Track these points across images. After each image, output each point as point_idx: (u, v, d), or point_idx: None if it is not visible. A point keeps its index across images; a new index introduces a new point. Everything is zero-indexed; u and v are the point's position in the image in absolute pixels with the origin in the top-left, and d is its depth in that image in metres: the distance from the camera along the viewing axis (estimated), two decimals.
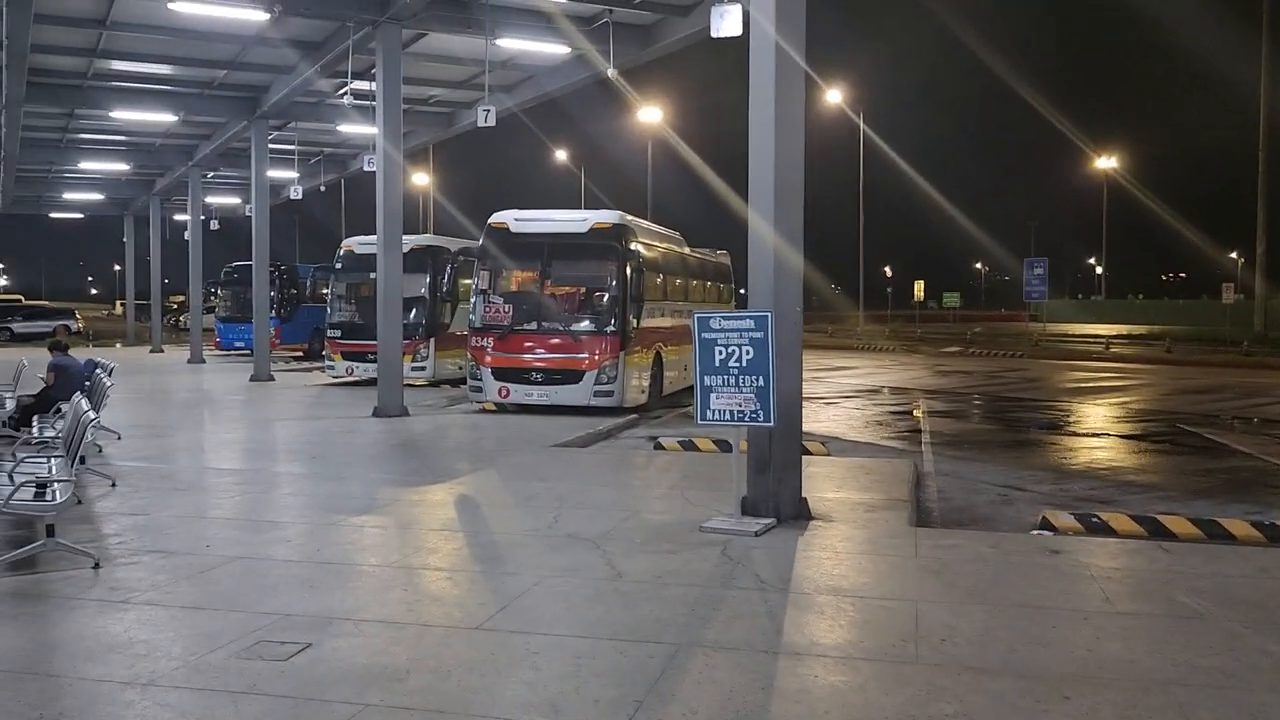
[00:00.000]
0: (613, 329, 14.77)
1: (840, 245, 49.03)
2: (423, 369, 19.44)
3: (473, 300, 15.94)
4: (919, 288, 51.08)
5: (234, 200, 34.79)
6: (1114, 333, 45.13)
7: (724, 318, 7.49)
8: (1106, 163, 61.21)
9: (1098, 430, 14.76)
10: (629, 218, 15.94)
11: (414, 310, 18.74)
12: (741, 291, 22.05)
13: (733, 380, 7.30)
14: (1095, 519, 7.73)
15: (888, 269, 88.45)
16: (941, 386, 22.27)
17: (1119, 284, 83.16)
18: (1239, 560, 6.54)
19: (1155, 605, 5.63)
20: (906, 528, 7.49)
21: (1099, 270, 79.19)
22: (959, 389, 21.86)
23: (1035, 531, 7.57)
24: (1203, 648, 4.86)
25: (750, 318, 7.31)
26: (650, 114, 35.01)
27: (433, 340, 19.56)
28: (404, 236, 15.71)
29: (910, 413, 16.89)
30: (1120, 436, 14.07)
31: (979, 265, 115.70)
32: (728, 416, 7.36)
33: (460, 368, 18.49)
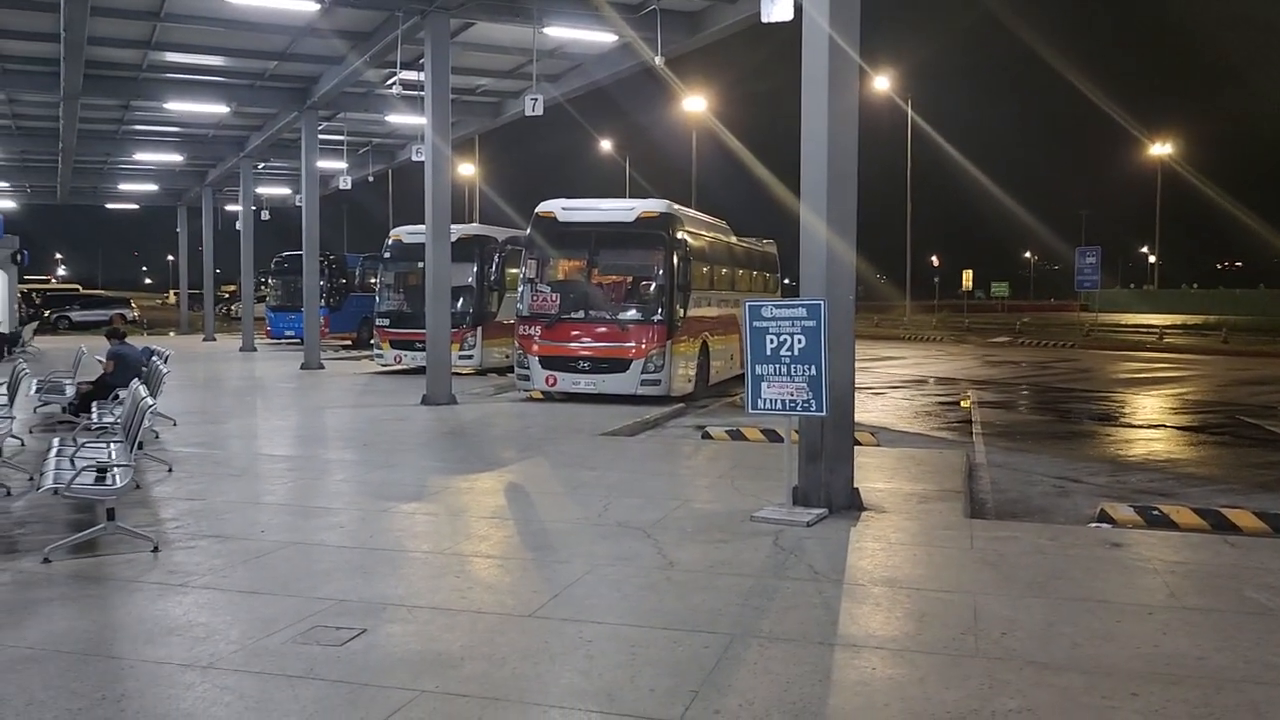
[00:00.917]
0: (659, 318, 14.73)
1: (887, 233, 48.45)
2: (470, 357, 19.53)
3: (520, 289, 15.98)
4: (967, 277, 50.33)
5: (284, 190, 35.23)
6: (1168, 323, 44.17)
7: (776, 306, 7.41)
8: (1160, 149, 59.88)
9: (1153, 422, 14.44)
10: (676, 206, 15.87)
11: (461, 299, 18.82)
12: (787, 281, 21.90)
13: (784, 369, 7.22)
14: (1156, 512, 7.55)
15: (935, 258, 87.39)
16: (991, 377, 21.95)
17: (1172, 273, 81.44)
18: None
19: (1223, 601, 5.47)
20: (961, 519, 7.38)
21: (1152, 259, 77.51)
22: (1009, 379, 21.53)
23: (1093, 524, 7.41)
24: (1276, 645, 4.72)
25: (803, 306, 7.22)
26: (695, 102, 34.85)
27: (480, 329, 19.64)
28: (451, 226, 15.77)
29: (959, 403, 16.66)
30: (1177, 428, 13.76)
31: (1028, 254, 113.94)
32: (779, 405, 7.29)
33: (507, 356, 18.56)
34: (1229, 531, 7.13)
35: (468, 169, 48.16)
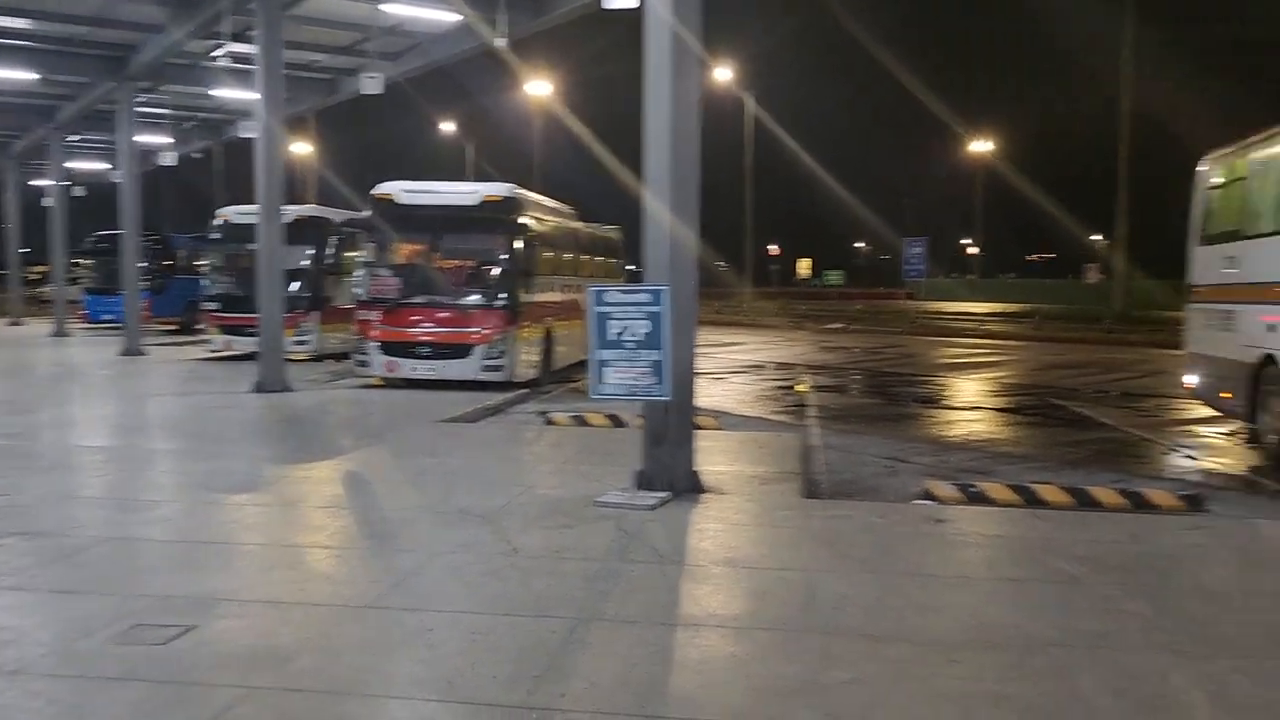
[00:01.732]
0: (503, 303, 14.60)
1: (729, 222, 49.63)
2: (306, 343, 18.86)
3: (359, 273, 15.54)
4: (804, 265, 52.07)
5: (102, 165, 33.00)
6: (987, 311, 46.89)
7: (620, 291, 7.46)
8: (980, 145, 63.37)
9: (973, 404, 15.32)
10: (521, 191, 15.73)
11: (296, 282, 18.14)
12: (630, 267, 22.09)
13: (629, 354, 7.28)
14: (974, 489, 8.01)
15: (775, 247, 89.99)
16: (825, 362, 22.78)
17: (992, 263, 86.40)
18: (1110, 526, 6.86)
19: (1034, 571, 5.86)
20: (798, 499, 7.63)
21: (973, 250, 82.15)
22: (842, 364, 22.39)
23: (918, 501, 7.80)
24: (1079, 611, 5.08)
25: (647, 292, 7.29)
26: (540, 86, 34.63)
27: (317, 313, 19.00)
28: (286, 206, 15.16)
29: (796, 388, 17.21)
30: (994, 410, 14.64)
31: (861, 244, 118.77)
32: (623, 390, 7.34)
33: (346, 342, 18.02)
34: (1040, 506, 7.63)
35: (305, 147, 46.34)
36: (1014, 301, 53.88)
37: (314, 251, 19.06)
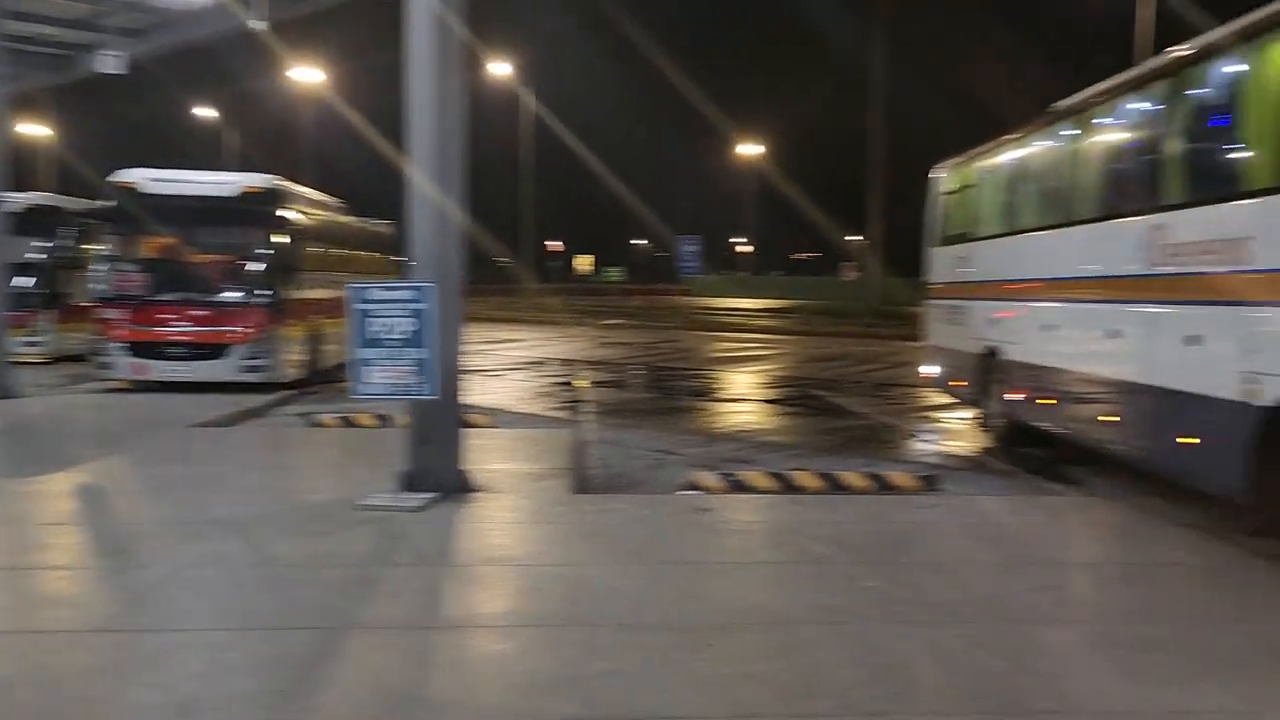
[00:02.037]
0: (264, 300, 13.88)
1: (509, 218, 49.40)
2: (41, 344, 17.22)
3: (100, 267, 14.34)
4: (584, 262, 52.58)
5: None
6: (756, 306, 49.11)
7: (383, 288, 7.25)
8: (750, 147, 66.13)
9: (741, 396, 16.00)
10: (284, 183, 15.00)
11: (27, 278, 16.52)
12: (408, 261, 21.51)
13: (392, 352, 7.08)
14: (736, 477, 8.33)
15: (557, 243, 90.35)
16: (604, 358, 23.12)
17: (762, 261, 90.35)
18: (855, 508, 7.34)
19: (787, 554, 6.17)
20: (568, 495, 7.68)
21: (744, 248, 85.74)
22: (619, 360, 22.80)
23: (685, 492, 8.04)
24: (825, 589, 5.40)
25: (411, 288, 7.13)
26: (309, 74, 33.15)
27: (52, 312, 17.40)
28: (13, 194, 13.77)
29: (573, 383, 17.36)
30: (760, 401, 15.35)
31: (641, 241, 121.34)
32: (387, 390, 7.15)
33: (86, 342, 16.57)
34: (796, 492, 8.04)
35: (39, 129, 42.22)
36: (781, 298, 56.66)
37: (47, 243, 17.44)
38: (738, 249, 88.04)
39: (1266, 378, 6.32)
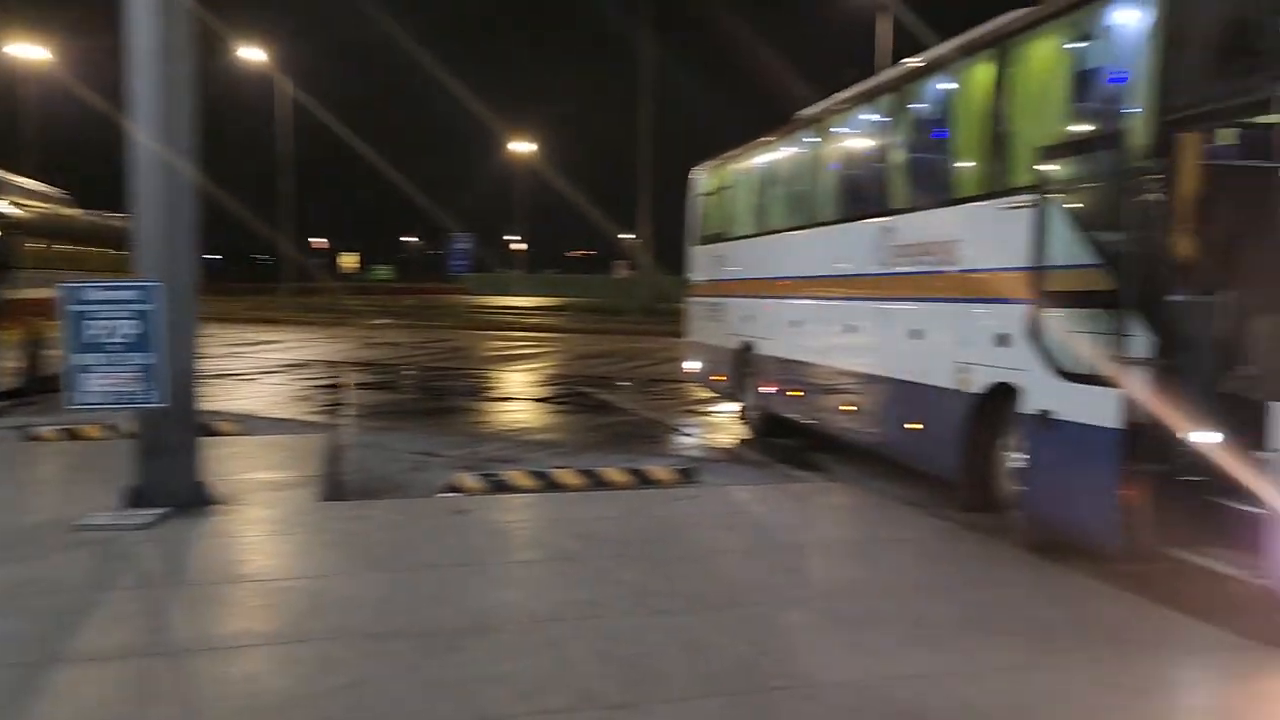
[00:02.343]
0: None
1: (271, 214, 46.81)
2: None
3: None
4: (349, 260, 50.79)
5: None
6: (530, 305, 49.16)
7: (101, 288, 6.67)
8: (524, 144, 65.97)
9: (510, 395, 15.94)
10: None
11: None
12: None
13: (114, 358, 6.53)
14: (497, 477, 8.27)
15: (321, 240, 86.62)
16: (371, 359, 22.41)
17: (538, 259, 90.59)
18: (612, 504, 7.45)
19: (543, 552, 6.18)
20: (317, 504, 7.35)
21: (519, 246, 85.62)
22: (387, 360, 22.17)
23: (444, 495, 7.89)
24: (575, 585, 5.44)
25: (135, 289, 6.60)
26: (29, 50, 30.09)
27: None
28: None
29: (336, 386, 16.71)
30: (529, 400, 15.34)
31: (412, 239, 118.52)
32: (110, 398, 6.58)
33: None
34: (557, 489, 8.07)
35: None
36: (556, 296, 56.99)
37: None
38: (513, 247, 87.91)
39: (974, 367, 6.93)
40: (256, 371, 18.49)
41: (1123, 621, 4.96)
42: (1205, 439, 5.25)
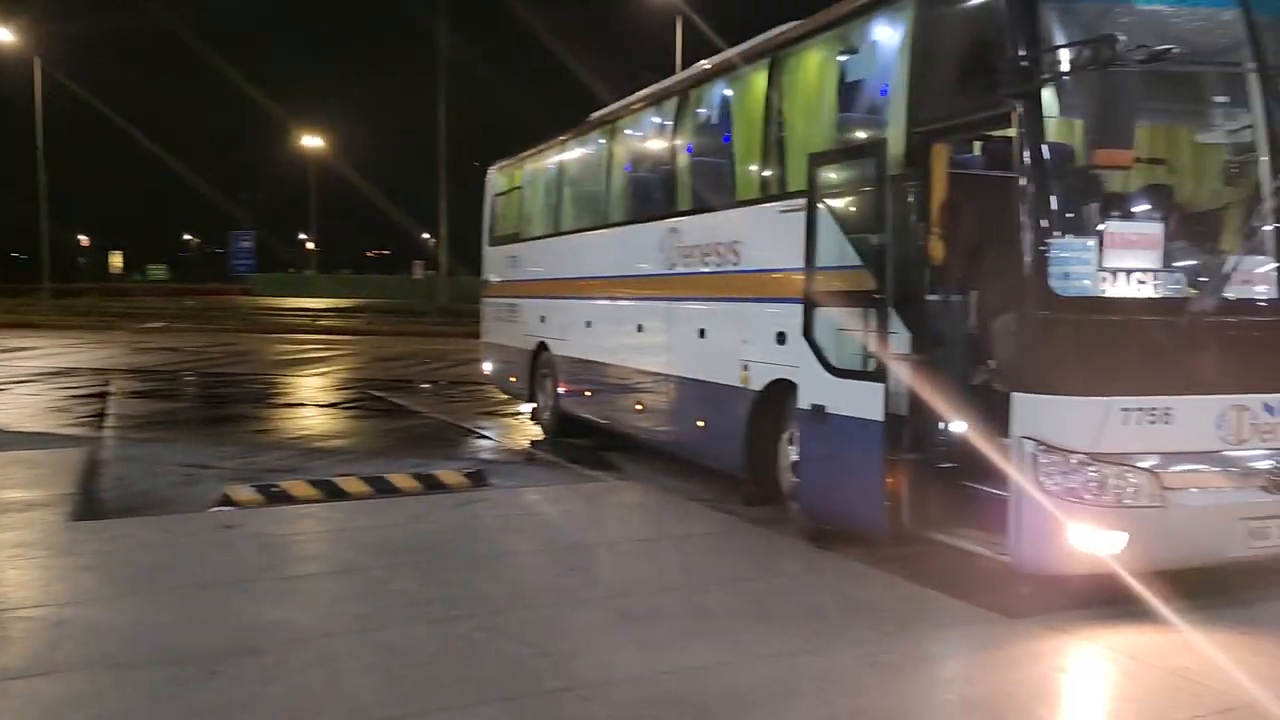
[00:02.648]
0: None
1: (23, 210, 42.87)
2: None
3: None
4: (116, 259, 47.23)
5: None
6: (323, 306, 47.29)
7: None
8: (314, 140, 63.51)
9: (297, 401, 15.24)
10: None
11: None
12: None
13: None
14: (276, 488, 7.87)
15: (84, 238, 79.89)
16: (143, 365, 20.89)
17: (331, 258, 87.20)
18: (397, 511, 7.23)
19: (318, 565, 5.92)
20: (68, 524, 6.74)
21: (310, 245, 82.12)
22: (161, 366, 20.73)
23: (215, 509, 7.43)
24: (352, 597, 5.24)
25: None
26: None
27: None
28: None
29: (101, 395, 15.46)
30: (317, 405, 14.71)
31: (190, 237, 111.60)
32: None
33: None
34: (340, 498, 7.77)
35: None
36: (350, 297, 55.16)
37: None
38: (306, 246, 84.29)
39: (755, 365, 7.17)
40: (8, 381, 16.87)
41: (885, 602, 5.24)
42: (958, 428, 5.63)
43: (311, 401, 15.22)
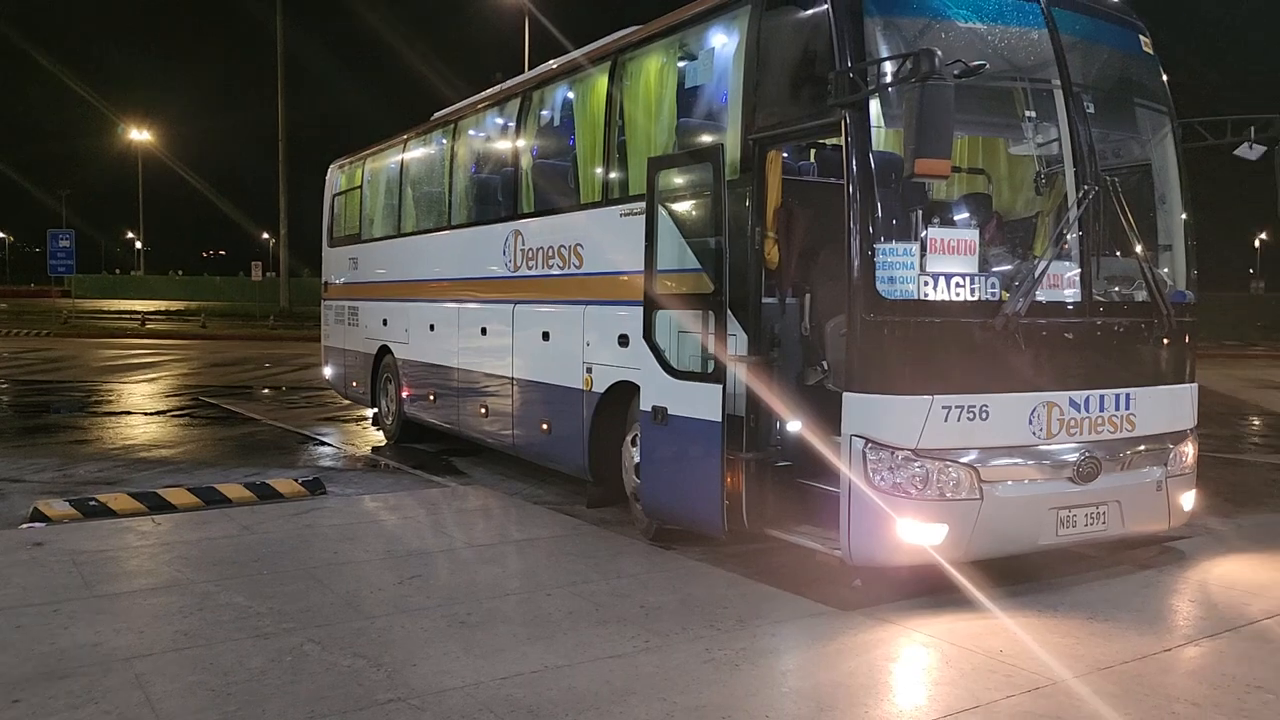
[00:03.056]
0: None
1: None
2: None
3: None
4: None
5: None
6: (152, 308, 44.77)
7: None
8: (140, 133, 60.18)
9: (122, 410, 14.36)
10: None
11: None
12: None
13: None
14: (94, 502, 7.39)
15: None
16: None
17: (162, 259, 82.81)
18: (227, 522, 6.91)
19: (139, 581, 5.58)
20: None
21: (139, 245, 77.69)
22: None
23: (25, 526, 6.92)
24: (175, 614, 4.96)
25: None
26: None
27: None
28: None
29: None
30: (144, 414, 13.91)
31: (2, 235, 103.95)
32: None
33: None
34: (165, 511, 7.35)
35: None
36: (183, 299, 52.46)
37: None
38: (136, 245, 79.71)
39: (599, 367, 7.18)
40: None
41: (724, 599, 5.33)
42: (793, 427, 5.79)
43: (138, 409, 14.37)
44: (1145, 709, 4.03)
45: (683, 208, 6.35)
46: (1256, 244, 42.91)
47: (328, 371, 13.42)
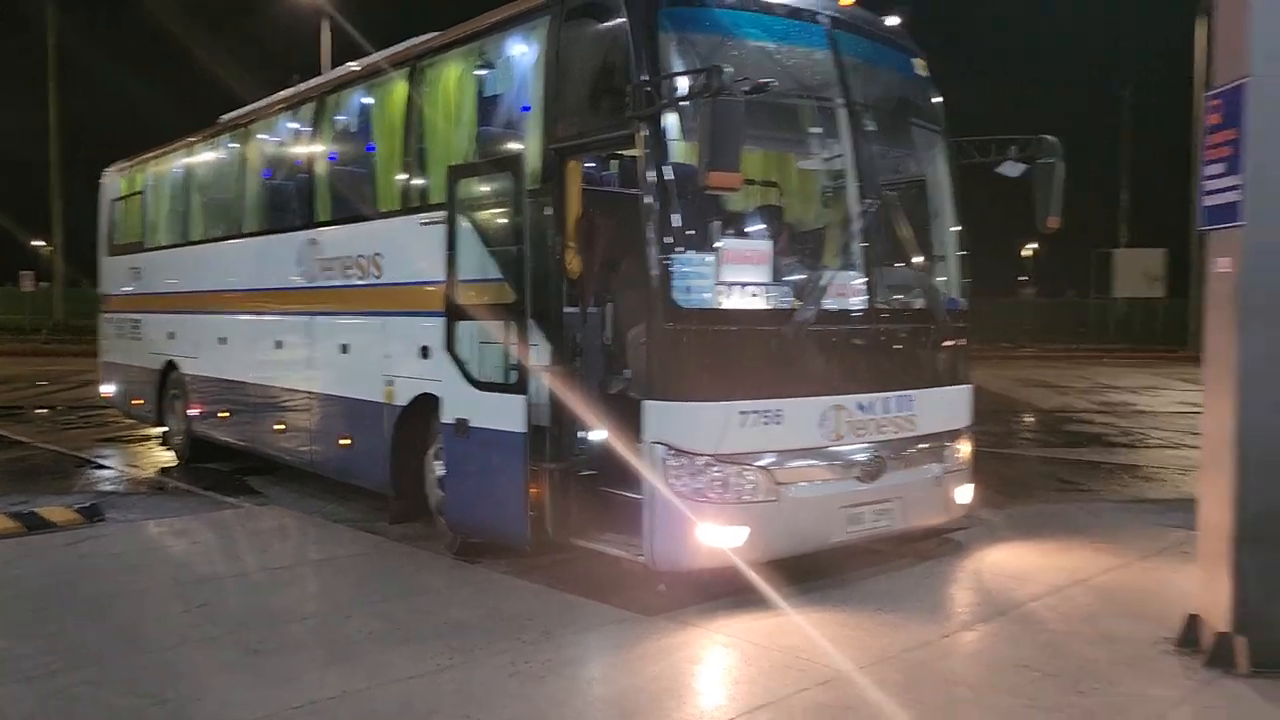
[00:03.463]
0: None
1: None
2: None
3: None
4: None
5: None
6: None
7: None
8: None
9: None
10: None
11: None
12: None
13: None
14: None
15: None
16: None
17: None
18: None
19: None
20: None
21: None
22: None
23: None
24: None
25: None
26: None
27: None
28: None
29: None
30: None
31: None
32: None
33: None
34: None
35: None
36: None
37: None
38: None
39: (400, 380, 7.01)
40: None
41: (529, 611, 5.30)
42: (597, 436, 5.83)
43: None
44: (928, 693, 4.28)
45: (484, 217, 6.29)
46: (1025, 253, 46.60)
47: (108, 389, 12.50)
